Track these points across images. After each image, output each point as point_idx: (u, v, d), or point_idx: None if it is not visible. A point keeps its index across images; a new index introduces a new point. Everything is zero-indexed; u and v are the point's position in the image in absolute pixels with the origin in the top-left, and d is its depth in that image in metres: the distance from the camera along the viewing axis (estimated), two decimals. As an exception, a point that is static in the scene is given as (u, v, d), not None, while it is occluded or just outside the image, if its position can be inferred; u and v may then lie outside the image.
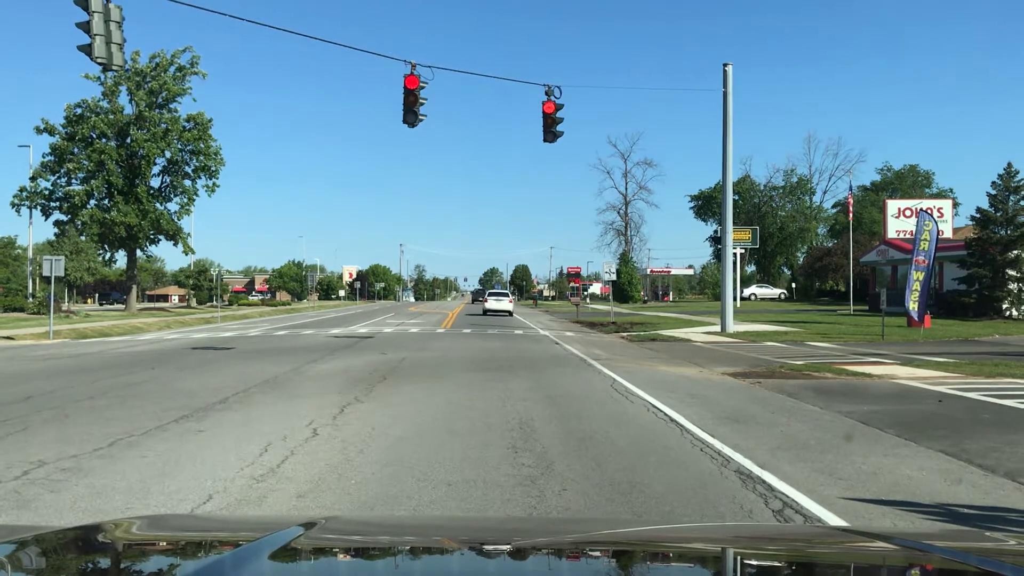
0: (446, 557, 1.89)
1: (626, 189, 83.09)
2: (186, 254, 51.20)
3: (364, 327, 31.96)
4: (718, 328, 26.60)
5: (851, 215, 41.20)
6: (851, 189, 43.35)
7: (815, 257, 67.26)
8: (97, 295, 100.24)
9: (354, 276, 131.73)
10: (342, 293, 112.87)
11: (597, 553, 1.90)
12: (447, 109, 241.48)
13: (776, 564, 1.85)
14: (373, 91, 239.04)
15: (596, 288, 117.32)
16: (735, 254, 68.43)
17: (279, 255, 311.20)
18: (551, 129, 18.69)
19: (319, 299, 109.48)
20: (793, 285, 75.09)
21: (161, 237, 49.67)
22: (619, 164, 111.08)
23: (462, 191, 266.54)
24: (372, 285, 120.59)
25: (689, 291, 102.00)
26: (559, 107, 18.86)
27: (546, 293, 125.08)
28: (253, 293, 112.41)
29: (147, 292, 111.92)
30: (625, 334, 26.49)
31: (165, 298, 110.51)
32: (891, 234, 29.36)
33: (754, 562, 1.83)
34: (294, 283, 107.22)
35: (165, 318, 40.06)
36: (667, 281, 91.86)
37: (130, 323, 34.18)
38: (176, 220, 49.38)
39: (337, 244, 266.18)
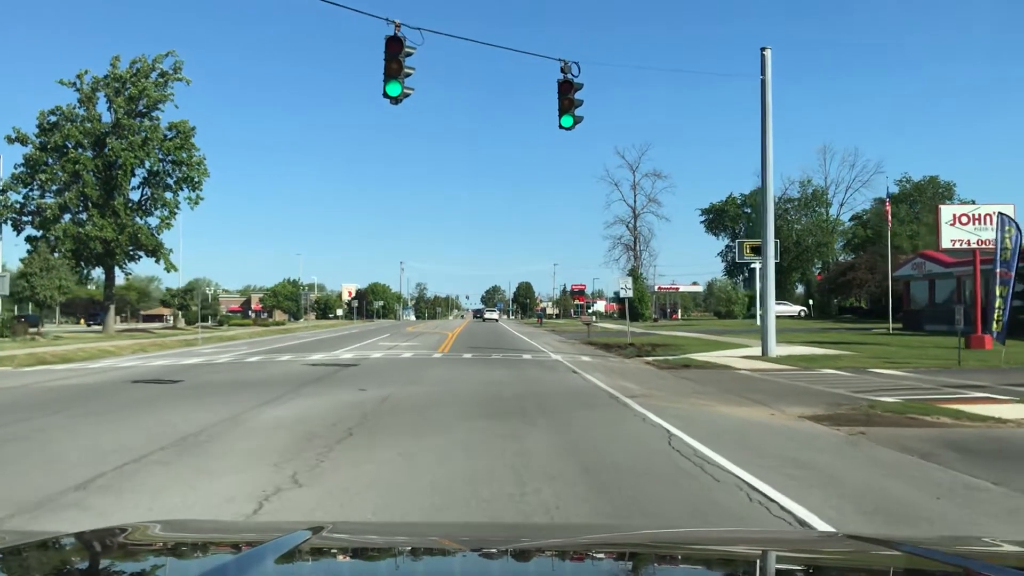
0: (453, 560, 1.86)
1: (635, 202, 79.74)
2: (168, 271, 47.75)
3: (351, 351, 28.51)
4: (756, 351, 23.16)
5: (889, 222, 37.57)
6: (888, 194, 39.80)
7: (837, 272, 63.76)
8: (88, 314, 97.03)
9: (353, 294, 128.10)
10: (340, 312, 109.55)
11: (602, 556, 1.88)
12: (450, 123, 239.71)
13: (783, 567, 1.82)
14: (376, 108, 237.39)
15: (600, 306, 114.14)
16: (750, 268, 65.15)
17: (278, 273, 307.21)
18: (568, 112, 15.37)
19: (317, 318, 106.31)
20: (811, 302, 71.60)
21: (141, 253, 46.40)
22: (627, 176, 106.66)
23: (464, 207, 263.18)
24: (371, 304, 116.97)
25: (695, 308, 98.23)
26: (577, 87, 15.56)
27: (549, 311, 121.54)
28: (250, 312, 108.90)
29: (142, 312, 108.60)
30: (650, 358, 23.01)
31: (160, 318, 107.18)
32: (945, 243, 25.93)
33: (761, 564, 1.82)
34: (289, 302, 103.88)
35: (142, 340, 36.74)
36: (675, 298, 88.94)
37: (99, 347, 30.88)
38: (156, 235, 46.06)
39: (337, 262, 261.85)
